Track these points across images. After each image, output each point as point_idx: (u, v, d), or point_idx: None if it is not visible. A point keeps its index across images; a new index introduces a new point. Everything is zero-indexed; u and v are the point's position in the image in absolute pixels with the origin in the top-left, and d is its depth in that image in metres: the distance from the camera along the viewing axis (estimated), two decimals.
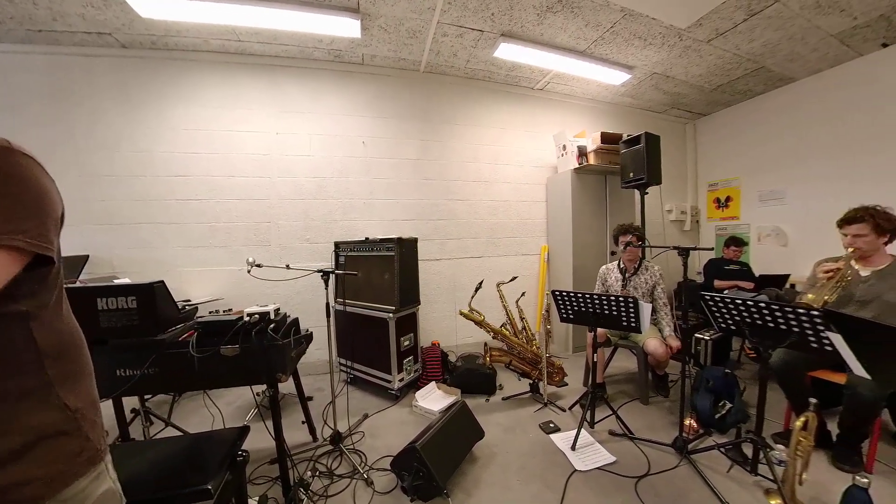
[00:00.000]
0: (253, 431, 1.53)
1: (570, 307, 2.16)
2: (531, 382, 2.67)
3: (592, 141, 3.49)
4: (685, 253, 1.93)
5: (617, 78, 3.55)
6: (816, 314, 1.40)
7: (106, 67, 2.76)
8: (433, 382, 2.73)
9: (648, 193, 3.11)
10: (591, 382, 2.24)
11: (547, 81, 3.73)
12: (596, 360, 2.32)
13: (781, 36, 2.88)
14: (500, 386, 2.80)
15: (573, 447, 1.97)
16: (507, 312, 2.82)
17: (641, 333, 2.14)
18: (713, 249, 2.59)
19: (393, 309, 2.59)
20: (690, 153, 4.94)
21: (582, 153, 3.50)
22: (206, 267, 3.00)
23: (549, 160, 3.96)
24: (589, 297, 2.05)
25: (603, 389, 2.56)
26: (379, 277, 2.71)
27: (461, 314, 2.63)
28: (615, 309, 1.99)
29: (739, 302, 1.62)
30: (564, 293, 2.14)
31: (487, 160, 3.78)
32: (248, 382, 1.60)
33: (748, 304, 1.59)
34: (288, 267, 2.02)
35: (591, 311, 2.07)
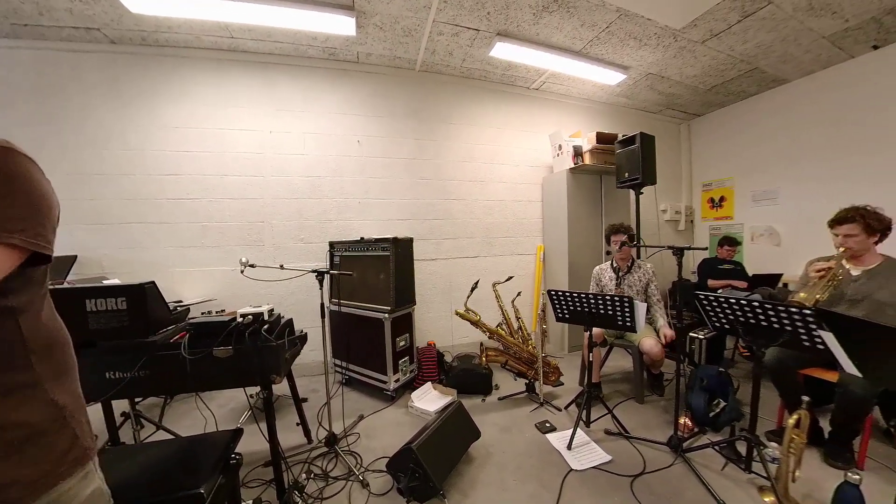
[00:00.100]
0: (246, 434, 1.51)
1: (565, 307, 2.16)
2: (527, 382, 2.67)
3: (588, 141, 3.50)
4: (680, 252, 1.94)
5: (612, 78, 3.56)
6: (809, 313, 1.41)
7: (95, 63, 2.71)
8: (429, 383, 2.72)
9: (643, 193, 3.13)
10: (586, 382, 2.24)
11: (543, 81, 3.73)
12: (592, 359, 2.32)
13: (775, 37, 2.91)
14: (496, 386, 2.80)
15: (569, 446, 1.98)
16: (503, 312, 2.82)
17: (637, 333, 2.15)
18: (707, 249, 2.62)
19: (388, 309, 2.58)
20: (685, 153, 4.98)
21: (577, 153, 3.51)
22: (198, 267, 2.95)
23: (544, 160, 3.96)
24: (585, 296, 2.05)
25: (599, 389, 2.57)
26: (374, 277, 2.69)
27: (457, 314, 2.62)
28: (611, 308, 2.00)
29: (733, 301, 1.64)
30: (560, 293, 2.14)
31: (483, 160, 3.78)
32: (241, 384, 1.57)
33: (742, 303, 1.60)
34: (282, 267, 1.99)
35: (586, 310, 2.08)
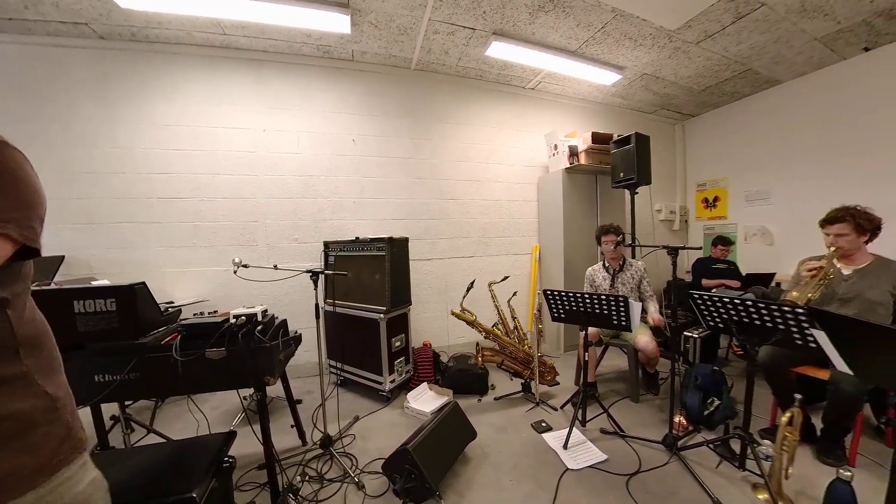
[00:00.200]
0: (240, 437, 1.49)
1: (561, 306, 2.17)
2: (523, 382, 2.67)
3: (583, 141, 3.51)
4: (674, 252, 1.96)
5: (608, 78, 3.57)
6: (801, 312, 1.42)
7: (83, 59, 2.65)
8: (425, 383, 2.71)
9: (638, 193, 3.14)
10: (582, 381, 2.25)
11: (538, 81, 3.73)
12: (587, 358, 2.33)
13: (768, 39, 2.94)
14: (492, 386, 2.80)
15: (565, 446, 1.98)
16: (498, 312, 2.82)
17: (632, 332, 2.16)
18: (701, 249, 2.63)
19: (384, 309, 2.56)
20: (679, 154, 5.02)
21: (573, 153, 3.52)
22: (190, 267, 2.91)
23: (540, 160, 3.97)
24: (580, 296, 2.06)
25: (594, 388, 2.57)
26: (369, 277, 2.67)
27: (453, 314, 2.62)
28: (606, 308, 2.00)
29: (727, 300, 1.65)
30: (556, 292, 2.14)
31: (479, 159, 3.77)
32: (234, 386, 1.55)
33: (735, 302, 1.62)
34: (276, 267, 1.97)
35: (582, 310, 2.08)
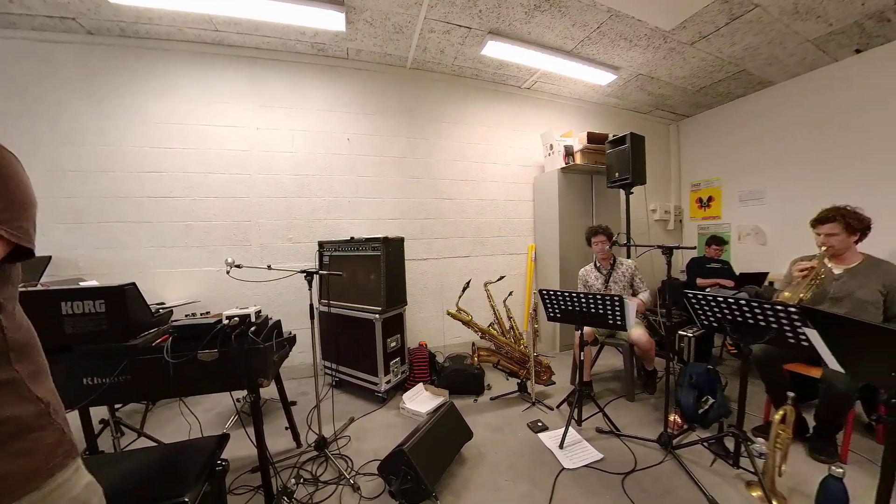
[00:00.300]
0: (233, 439, 1.47)
1: (557, 306, 2.17)
2: (519, 382, 2.67)
3: (579, 141, 3.52)
4: (669, 252, 1.96)
5: (603, 78, 3.58)
6: (793, 311, 1.44)
7: (71, 55, 2.59)
8: (421, 384, 2.70)
9: (633, 193, 3.15)
10: (578, 381, 2.25)
11: (534, 81, 3.73)
12: (583, 358, 2.33)
13: (761, 40, 2.97)
14: (488, 386, 2.79)
15: (561, 445, 1.98)
16: (494, 312, 2.81)
17: (627, 331, 2.17)
18: (696, 248, 2.65)
19: (379, 310, 2.54)
20: (674, 154, 5.05)
21: (569, 153, 3.52)
22: (181, 268, 2.86)
23: (536, 159, 3.97)
24: (576, 295, 2.06)
25: (590, 387, 2.59)
26: (365, 278, 2.65)
27: (449, 314, 2.61)
28: (601, 307, 2.01)
29: (721, 299, 1.66)
30: (552, 292, 2.14)
31: (474, 159, 3.76)
32: (227, 388, 1.53)
33: (729, 301, 1.63)
34: (269, 267, 1.95)
35: (577, 309, 2.08)
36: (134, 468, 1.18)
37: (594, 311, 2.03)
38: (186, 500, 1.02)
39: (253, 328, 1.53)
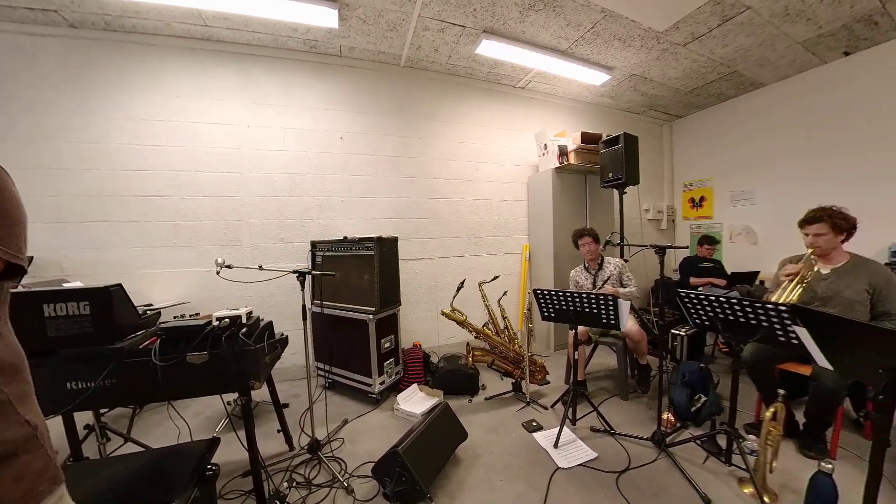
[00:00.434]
0: (224, 443, 1.44)
1: (551, 306, 2.17)
2: (514, 381, 2.67)
3: (573, 140, 3.52)
4: (662, 251, 1.98)
5: (597, 78, 3.60)
6: (784, 309, 1.45)
7: (53, 49, 2.51)
8: (415, 384, 2.68)
9: (627, 193, 3.17)
10: (572, 380, 2.26)
11: (528, 80, 3.73)
12: (577, 357, 2.34)
13: (752, 42, 3.01)
14: (482, 386, 2.79)
15: (556, 445, 1.98)
16: (489, 312, 2.81)
17: (620, 330, 2.18)
18: (688, 248, 2.68)
19: (373, 310, 2.52)
20: (667, 154, 5.10)
21: (563, 152, 3.53)
22: (170, 268, 2.80)
23: (530, 159, 3.97)
24: (570, 295, 2.06)
25: (584, 386, 2.59)
26: (358, 278, 2.63)
27: (443, 314, 2.60)
28: (595, 307, 2.01)
29: (713, 298, 1.67)
30: (546, 292, 2.14)
31: (469, 158, 3.75)
32: (217, 391, 1.50)
33: (721, 300, 1.64)
34: (261, 268, 1.92)
35: (572, 309, 2.09)
36: (120, 474, 1.16)
37: (588, 310, 2.04)
38: None
39: (244, 329, 1.51)
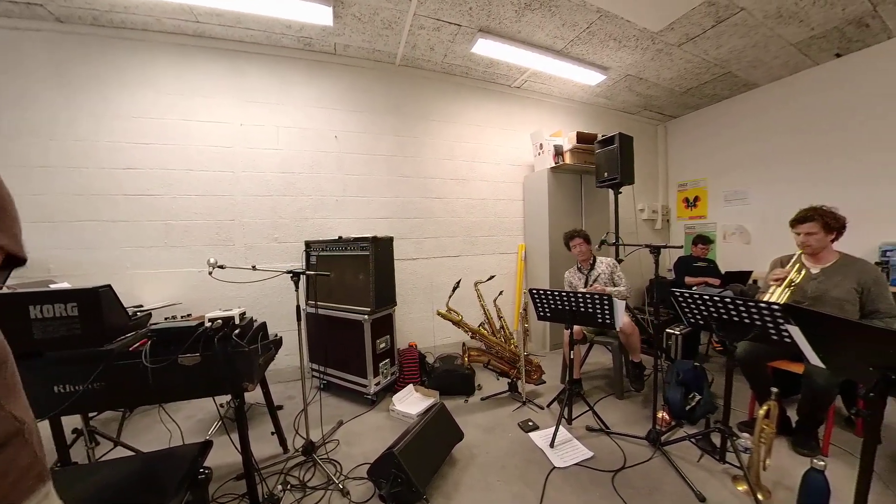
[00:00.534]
0: (217, 446, 1.42)
1: (547, 305, 2.17)
2: (510, 381, 2.67)
3: (568, 140, 3.53)
4: (656, 251, 1.98)
5: (592, 78, 3.61)
6: (777, 308, 1.47)
7: (39, 44, 2.45)
8: (411, 385, 2.67)
9: (622, 193, 3.19)
10: (568, 379, 2.26)
11: (524, 80, 3.73)
12: (573, 356, 2.34)
13: (746, 43, 3.03)
14: (478, 386, 2.78)
15: (552, 444, 1.98)
16: (484, 312, 2.80)
17: (616, 330, 2.18)
18: (683, 248, 2.70)
19: (368, 310, 2.50)
20: (661, 154, 5.14)
21: (558, 152, 3.54)
22: (161, 269, 2.76)
23: (525, 159, 3.97)
24: (566, 295, 2.07)
25: (580, 386, 2.60)
26: (353, 278, 2.61)
27: (439, 314, 2.58)
28: (591, 306, 2.01)
29: (707, 297, 1.68)
30: (542, 291, 2.14)
31: (464, 158, 3.74)
32: (210, 393, 1.48)
33: (715, 299, 1.65)
34: (254, 268, 1.89)
35: (567, 308, 2.09)
36: (110, 479, 1.13)
37: (583, 309, 2.04)
38: None
39: (237, 331, 1.48)
